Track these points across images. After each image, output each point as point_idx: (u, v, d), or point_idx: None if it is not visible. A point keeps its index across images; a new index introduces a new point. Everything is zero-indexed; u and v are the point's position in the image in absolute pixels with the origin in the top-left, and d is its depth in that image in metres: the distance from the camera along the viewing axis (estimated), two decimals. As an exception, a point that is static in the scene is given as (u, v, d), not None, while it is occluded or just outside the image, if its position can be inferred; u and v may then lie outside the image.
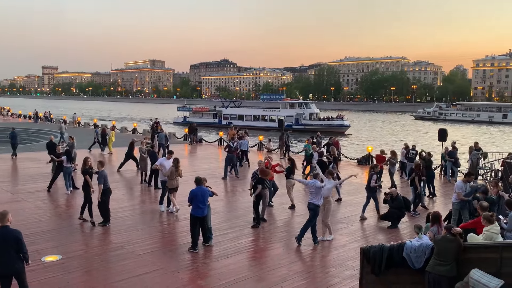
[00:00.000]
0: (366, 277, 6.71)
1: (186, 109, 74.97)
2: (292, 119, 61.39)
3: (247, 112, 67.01)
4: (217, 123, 65.76)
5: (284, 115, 62.33)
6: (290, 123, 60.13)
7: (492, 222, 7.09)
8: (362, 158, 23.29)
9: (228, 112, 68.04)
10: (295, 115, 61.90)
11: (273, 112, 64.99)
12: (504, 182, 14.04)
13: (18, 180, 16.38)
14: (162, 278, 7.83)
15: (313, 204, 9.64)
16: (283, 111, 63.88)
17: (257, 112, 66.32)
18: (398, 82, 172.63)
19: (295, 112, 62.53)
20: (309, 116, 62.39)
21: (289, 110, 63.79)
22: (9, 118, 54.57)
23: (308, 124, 60.52)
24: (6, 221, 6.09)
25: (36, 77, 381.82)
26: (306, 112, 62.50)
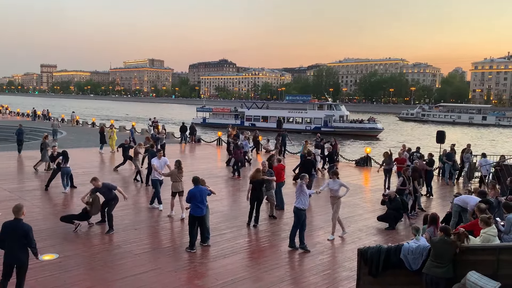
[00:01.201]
0: (363, 278, 6.71)
1: (206, 109, 71.90)
2: (320, 121, 58.43)
3: (272, 114, 63.60)
4: (238, 125, 62.97)
5: (311, 117, 59.67)
6: (318, 125, 57.62)
7: (489, 224, 7.11)
8: (360, 159, 23.32)
9: (251, 113, 65.02)
10: (324, 117, 58.61)
11: (299, 114, 61.88)
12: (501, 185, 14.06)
13: (15, 178, 16.34)
14: (160, 277, 7.82)
15: (295, 207, 9.47)
16: (310, 113, 60.67)
17: (282, 113, 62.73)
18: (396, 84, 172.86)
19: (324, 114, 59.14)
20: (339, 118, 58.95)
21: (317, 112, 60.56)
22: (7, 116, 54.44)
23: (338, 127, 57.21)
24: (20, 214, 6.43)
25: (34, 75, 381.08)
26: (336, 114, 59.11)
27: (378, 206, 13.45)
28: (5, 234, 6.31)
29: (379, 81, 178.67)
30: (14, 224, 6.33)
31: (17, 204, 6.54)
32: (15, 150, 22.88)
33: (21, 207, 6.47)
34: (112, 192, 10.39)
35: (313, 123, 58.74)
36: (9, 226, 6.34)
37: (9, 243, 6.28)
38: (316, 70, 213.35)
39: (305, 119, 60.50)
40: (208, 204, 9.74)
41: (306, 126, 59.00)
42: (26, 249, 6.41)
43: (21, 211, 6.44)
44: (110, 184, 10.54)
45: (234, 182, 17.19)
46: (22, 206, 6.52)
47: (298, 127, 58.79)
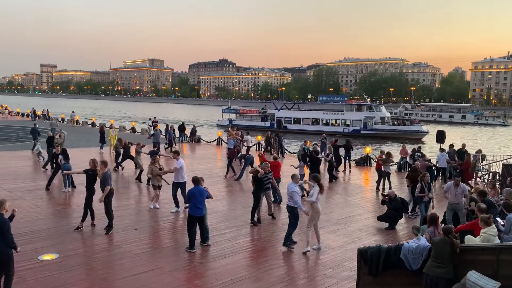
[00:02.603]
0: (363, 278, 6.71)
1: (232, 111, 69.66)
2: (359, 123, 55.12)
3: (305, 115, 60.31)
4: (268, 127, 57.86)
5: (350, 119, 56.44)
6: (357, 127, 54.61)
7: (489, 224, 7.11)
8: (360, 159, 23.32)
9: (282, 115, 61.60)
10: (364, 119, 55.38)
11: (336, 116, 58.14)
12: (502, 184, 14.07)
13: (16, 178, 16.33)
14: (159, 277, 7.81)
15: (288, 205, 9.58)
16: (348, 114, 57.51)
17: (316, 115, 59.82)
18: (396, 84, 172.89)
19: (363, 115, 56.01)
20: (380, 120, 55.79)
21: (355, 113, 57.54)
22: (7, 116, 54.42)
23: (379, 129, 54.21)
24: (2, 209, 6.47)
25: (34, 75, 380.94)
26: (376, 115, 56.05)
27: (378, 206, 13.46)
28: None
29: (379, 81, 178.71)
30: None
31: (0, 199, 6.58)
32: (15, 150, 22.90)
33: (3, 202, 6.54)
34: (104, 185, 10.16)
35: (351, 125, 55.55)
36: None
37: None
38: (316, 70, 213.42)
39: (343, 121, 56.97)
40: (206, 204, 9.74)
41: (344, 128, 55.53)
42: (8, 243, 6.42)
43: (3, 206, 6.48)
44: (107, 179, 10.25)
45: (233, 182, 17.19)
46: (4, 201, 6.59)
47: (335, 129, 54.63)
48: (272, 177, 12.26)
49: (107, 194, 10.11)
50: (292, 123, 59.16)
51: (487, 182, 17.02)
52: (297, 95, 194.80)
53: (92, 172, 10.49)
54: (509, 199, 9.09)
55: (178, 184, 12.22)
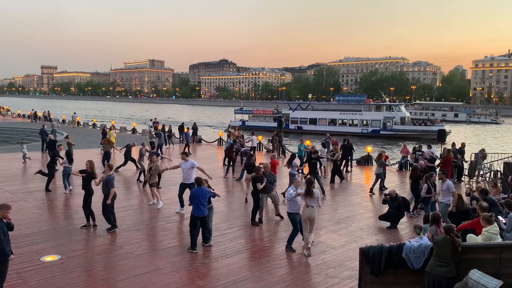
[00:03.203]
0: (365, 278, 6.70)
1: (245, 111, 67.86)
2: (379, 124, 53.41)
3: (322, 116, 58.41)
4: (283, 128, 60.03)
5: (368, 119, 54.64)
6: (377, 128, 53.02)
7: (491, 222, 7.11)
8: (361, 158, 23.31)
9: (297, 115, 59.75)
10: (383, 119, 53.75)
11: (353, 116, 56.40)
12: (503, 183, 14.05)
13: (17, 180, 16.35)
14: (161, 278, 7.81)
15: (287, 212, 9.60)
16: (366, 114, 55.76)
17: (333, 115, 57.82)
18: (397, 83, 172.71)
19: (383, 115, 54.36)
20: (400, 120, 54.06)
21: (374, 113, 55.86)
22: (8, 118, 54.49)
23: (399, 130, 52.40)
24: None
25: (35, 77, 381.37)
26: (396, 115, 54.34)
27: (379, 205, 13.45)
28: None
29: (380, 80, 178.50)
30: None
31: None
32: (16, 151, 22.93)
33: (7, 208, 6.52)
34: (107, 188, 10.12)
35: (370, 126, 54.02)
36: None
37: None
38: (317, 70, 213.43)
39: (361, 121, 55.22)
40: (212, 206, 9.78)
41: (363, 129, 54.08)
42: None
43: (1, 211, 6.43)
44: (112, 181, 10.23)
45: (234, 182, 17.19)
46: (8, 207, 6.59)
47: (353, 130, 53.33)
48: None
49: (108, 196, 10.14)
50: (308, 123, 57.55)
51: (489, 180, 17.00)
52: (297, 95, 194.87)
53: (88, 174, 10.50)
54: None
55: (186, 185, 12.06)
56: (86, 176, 10.58)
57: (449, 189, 10.49)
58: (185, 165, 12.29)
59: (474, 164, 18.71)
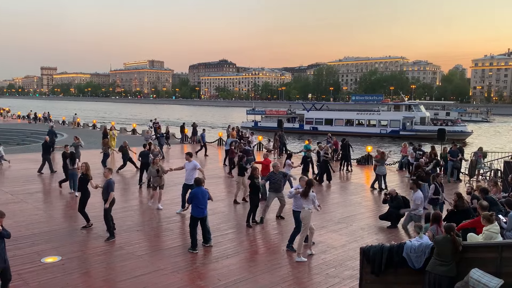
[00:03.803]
0: (366, 277, 6.70)
1: (257, 112, 66.00)
2: (398, 124, 51.64)
3: (338, 116, 56.64)
4: (297, 129, 56.63)
5: (387, 119, 52.89)
6: (396, 128, 51.13)
7: (491, 221, 7.10)
8: (361, 158, 23.30)
9: (312, 115, 58.00)
10: (403, 119, 52.03)
11: (372, 116, 54.70)
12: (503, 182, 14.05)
13: (17, 181, 16.35)
14: (162, 279, 7.81)
15: (292, 210, 9.60)
16: (385, 114, 54.15)
17: (350, 115, 56.28)
18: (397, 82, 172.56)
19: (402, 115, 52.60)
20: (420, 120, 52.23)
21: (393, 113, 54.10)
22: (8, 119, 54.50)
23: (419, 130, 50.39)
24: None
25: (35, 78, 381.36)
26: (416, 115, 52.53)
27: (379, 204, 13.44)
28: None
29: (379, 80, 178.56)
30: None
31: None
32: (16, 152, 22.92)
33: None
34: (107, 192, 9.90)
35: (389, 126, 52.35)
36: None
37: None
38: (316, 69, 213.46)
39: (380, 122, 53.44)
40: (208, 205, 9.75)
41: (381, 129, 52.29)
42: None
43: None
44: (112, 185, 10.04)
45: (234, 182, 17.16)
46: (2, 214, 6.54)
47: (371, 130, 52.24)
48: (283, 177, 11.99)
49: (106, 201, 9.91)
50: (323, 124, 55.65)
51: (489, 179, 16.99)
52: (297, 95, 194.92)
53: (84, 176, 10.48)
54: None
55: (188, 185, 12.01)
56: (81, 178, 10.54)
57: (415, 200, 10.16)
58: (188, 165, 12.34)
59: (474, 163, 18.70)
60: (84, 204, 10.51)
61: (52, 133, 24.73)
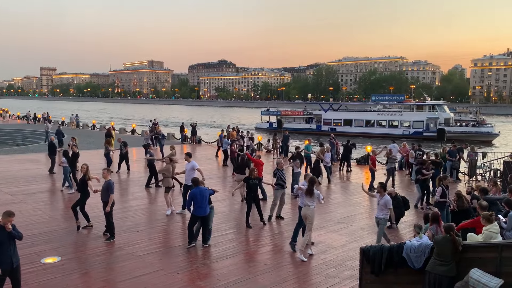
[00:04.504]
0: (365, 277, 6.70)
1: (272, 112, 63.83)
2: (421, 125, 49.92)
3: (357, 117, 55.33)
4: (314, 130, 55.17)
5: (410, 120, 51.18)
6: (419, 129, 49.52)
7: (491, 221, 7.10)
8: (361, 158, 23.29)
9: (330, 116, 56.52)
10: (426, 120, 50.26)
11: (393, 117, 53.16)
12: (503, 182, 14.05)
13: (17, 182, 16.34)
14: (162, 279, 7.81)
15: (298, 206, 9.68)
16: (407, 115, 52.50)
17: (370, 116, 54.96)
18: (396, 82, 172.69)
19: (426, 116, 50.95)
20: (445, 121, 50.14)
21: (416, 114, 52.43)
22: (7, 120, 54.46)
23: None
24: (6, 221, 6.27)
25: (34, 78, 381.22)
26: (440, 116, 50.59)
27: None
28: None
29: (379, 80, 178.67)
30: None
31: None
32: (16, 153, 22.92)
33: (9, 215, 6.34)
34: (107, 193, 9.80)
35: (412, 127, 50.74)
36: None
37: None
38: (316, 69, 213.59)
39: (402, 123, 51.73)
40: (213, 205, 9.80)
41: (404, 130, 50.31)
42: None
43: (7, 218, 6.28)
44: (112, 187, 9.93)
45: (235, 182, 17.16)
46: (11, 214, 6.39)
47: (393, 131, 49.71)
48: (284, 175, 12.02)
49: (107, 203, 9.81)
50: (342, 125, 54.16)
51: (489, 179, 17.00)
52: (297, 95, 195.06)
53: (83, 177, 10.49)
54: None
55: (187, 186, 11.95)
56: (82, 179, 10.54)
57: (386, 205, 9.23)
58: (187, 166, 12.33)
59: (474, 163, 18.70)
60: (83, 204, 10.50)
61: (59, 133, 25.20)
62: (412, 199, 13.66)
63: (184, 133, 32.04)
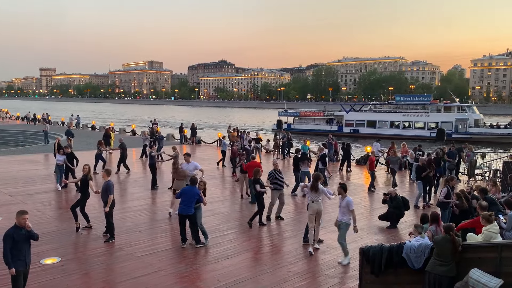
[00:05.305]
0: (365, 278, 6.70)
1: (290, 113, 62.19)
2: (450, 126, 46.95)
3: (381, 117, 53.35)
4: (335, 131, 52.06)
5: (438, 121, 48.64)
6: (448, 130, 44.59)
7: (491, 221, 7.11)
8: (361, 158, 23.30)
9: (352, 117, 54.66)
10: (455, 121, 48.14)
11: (420, 118, 50.95)
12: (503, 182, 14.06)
13: (16, 182, 16.33)
14: (161, 279, 7.81)
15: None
16: (435, 116, 50.25)
17: (395, 117, 52.88)
18: (396, 82, 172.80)
19: (455, 117, 48.71)
20: (474, 122, 48.34)
21: (444, 115, 50.28)
22: (7, 121, 54.45)
23: (474, 133, 46.61)
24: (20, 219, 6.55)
25: (34, 79, 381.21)
26: (470, 117, 48.49)
27: (379, 205, 13.44)
28: None
29: (379, 80, 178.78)
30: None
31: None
32: (15, 154, 22.91)
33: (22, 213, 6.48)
34: (106, 194, 9.76)
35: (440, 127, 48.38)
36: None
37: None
38: (315, 70, 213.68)
39: (429, 124, 49.37)
40: (200, 205, 9.68)
41: (431, 132, 46.41)
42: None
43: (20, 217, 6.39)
44: (111, 187, 9.90)
45: (234, 183, 17.17)
46: (23, 212, 6.54)
47: (420, 133, 48.07)
48: (283, 178, 12.02)
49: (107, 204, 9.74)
50: (365, 126, 52.66)
51: (488, 179, 17.01)
52: (296, 95, 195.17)
53: (84, 178, 10.50)
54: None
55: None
56: (83, 180, 10.54)
57: (348, 207, 8.73)
58: (187, 166, 12.28)
59: (473, 163, 18.71)
60: (84, 205, 10.50)
61: (69, 133, 25.30)
62: (412, 200, 13.67)
63: (184, 133, 32.04)
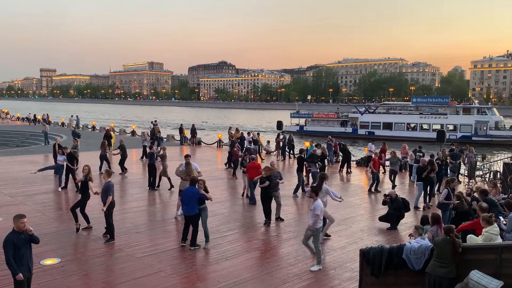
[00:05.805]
0: (365, 279, 6.70)
1: (303, 115, 61.29)
2: (470, 129, 46.78)
3: (398, 119, 52.07)
4: (350, 133, 52.23)
5: (457, 124, 47.96)
6: (467, 133, 46.22)
7: (491, 223, 7.10)
8: (361, 159, 23.29)
9: (367, 119, 53.64)
10: (475, 124, 47.22)
11: (437, 120, 49.71)
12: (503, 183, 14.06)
13: (17, 183, 16.33)
14: (161, 281, 7.80)
15: None
16: (453, 118, 49.16)
17: (412, 119, 51.65)
18: (396, 84, 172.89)
19: (474, 119, 47.76)
20: (495, 124, 47.30)
21: (463, 117, 49.14)
22: (8, 121, 54.45)
23: (495, 135, 45.68)
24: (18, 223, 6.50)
25: (34, 80, 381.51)
26: (490, 119, 47.54)
27: (379, 206, 13.44)
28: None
29: (379, 81, 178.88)
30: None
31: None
32: (16, 154, 22.90)
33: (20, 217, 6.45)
34: (106, 195, 9.71)
35: (459, 131, 47.51)
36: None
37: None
38: (316, 71, 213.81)
39: (447, 127, 47.78)
40: (205, 206, 9.64)
41: (450, 134, 43.95)
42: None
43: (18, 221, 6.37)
44: (111, 188, 9.85)
45: (234, 184, 17.17)
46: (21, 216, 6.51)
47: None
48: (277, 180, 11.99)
49: (108, 205, 9.69)
50: (381, 128, 51.45)
51: (488, 181, 17.00)
52: (296, 96, 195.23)
53: (84, 178, 10.51)
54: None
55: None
56: (83, 180, 10.54)
57: (314, 210, 8.39)
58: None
59: (474, 165, 18.70)
60: (84, 205, 10.49)
61: (75, 134, 25.65)
62: (412, 201, 13.66)
63: (184, 134, 32.04)
